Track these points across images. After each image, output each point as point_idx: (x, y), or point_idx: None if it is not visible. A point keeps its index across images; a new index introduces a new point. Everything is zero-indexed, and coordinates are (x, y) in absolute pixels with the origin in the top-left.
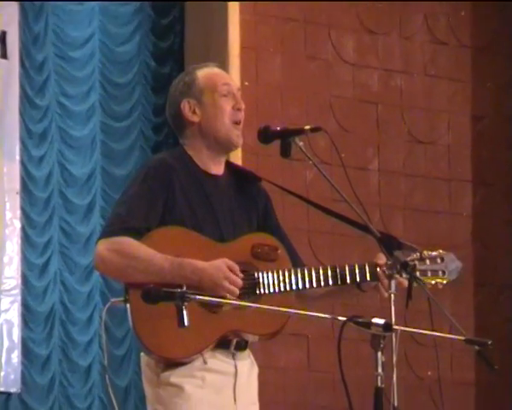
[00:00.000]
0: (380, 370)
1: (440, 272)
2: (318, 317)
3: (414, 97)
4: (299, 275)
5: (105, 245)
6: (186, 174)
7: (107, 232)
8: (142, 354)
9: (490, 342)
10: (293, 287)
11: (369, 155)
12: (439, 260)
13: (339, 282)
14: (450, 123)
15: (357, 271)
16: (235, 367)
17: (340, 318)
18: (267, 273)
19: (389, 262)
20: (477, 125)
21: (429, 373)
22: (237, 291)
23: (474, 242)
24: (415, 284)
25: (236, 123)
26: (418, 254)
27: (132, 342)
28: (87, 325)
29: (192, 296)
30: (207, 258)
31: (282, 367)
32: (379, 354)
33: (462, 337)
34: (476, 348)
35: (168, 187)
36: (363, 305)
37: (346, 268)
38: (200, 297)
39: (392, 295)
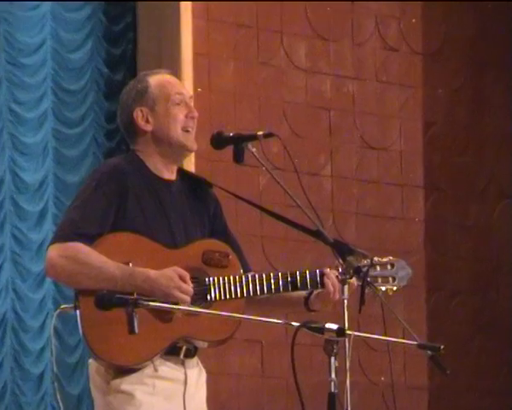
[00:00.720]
0: (333, 375)
1: (391, 279)
2: (272, 323)
3: (366, 103)
4: (250, 281)
5: (56, 251)
6: (139, 179)
7: (59, 237)
8: (90, 360)
9: (442, 347)
10: (244, 293)
11: (321, 160)
12: (389, 267)
13: (289, 288)
14: (402, 129)
15: (308, 277)
16: (185, 375)
17: (293, 323)
18: (218, 279)
19: (342, 267)
20: (428, 131)
21: (382, 378)
22: (188, 299)
23: (426, 247)
24: (367, 289)
25: (188, 130)
26: (369, 260)
27: (85, 350)
28: (39, 332)
29: (145, 303)
30: (158, 264)
31: (236, 373)
32: (332, 359)
33: (415, 342)
34: (429, 352)
35: (121, 192)
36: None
37: (297, 275)
38: (154, 304)
39: (345, 301)
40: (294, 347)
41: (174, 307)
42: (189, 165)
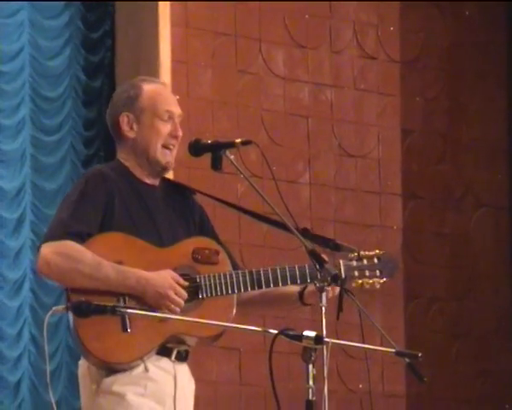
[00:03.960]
0: (311, 383)
1: (378, 272)
2: (250, 330)
3: (344, 111)
4: (241, 277)
5: (50, 248)
6: (125, 184)
7: (51, 236)
8: (80, 362)
9: (420, 355)
10: (235, 290)
11: (299, 168)
12: (376, 260)
13: (280, 283)
14: (380, 137)
15: (297, 272)
16: (175, 378)
17: (271, 331)
18: (208, 277)
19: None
20: (406, 139)
21: (360, 386)
22: (182, 303)
23: (404, 255)
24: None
25: (168, 148)
26: (356, 254)
27: (63, 357)
28: (16, 340)
29: (123, 310)
30: (149, 263)
31: (214, 381)
32: (310, 366)
33: (393, 350)
34: (406, 360)
35: (108, 195)
36: (294, 318)
37: (287, 270)
38: (131, 311)
39: (323, 308)
40: (272, 354)
41: (152, 314)
42: (168, 172)
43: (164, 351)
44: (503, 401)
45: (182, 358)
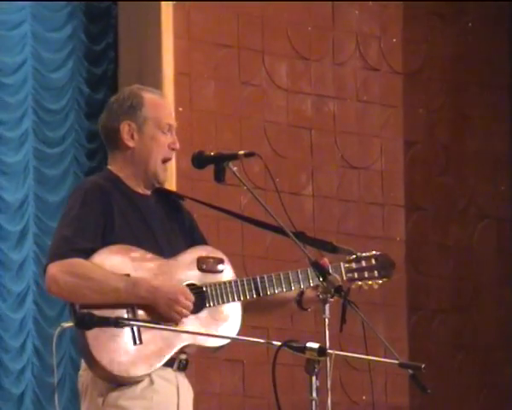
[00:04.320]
0: (314, 395)
1: (376, 273)
2: (253, 342)
3: (347, 123)
4: (246, 285)
5: (57, 267)
6: (120, 195)
7: (57, 255)
8: (82, 373)
9: (423, 366)
10: (241, 297)
11: (302, 180)
12: (373, 261)
13: (284, 289)
14: (383, 148)
15: (300, 277)
16: (178, 388)
17: (274, 342)
18: (214, 286)
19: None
20: (409, 151)
21: (364, 397)
22: (191, 307)
23: (407, 266)
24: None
25: (166, 161)
26: (354, 255)
27: (66, 369)
28: (20, 352)
29: (126, 322)
30: (156, 275)
31: (217, 393)
32: (313, 378)
33: (396, 361)
34: (410, 372)
35: (106, 208)
36: (298, 330)
37: (290, 275)
38: (135, 323)
39: (327, 320)
40: (276, 366)
41: (157, 326)
42: (171, 184)
43: (168, 361)
44: None
45: (183, 367)
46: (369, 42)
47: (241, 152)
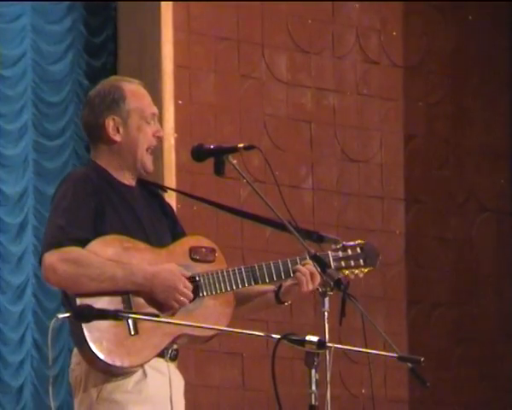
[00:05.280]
0: (314, 388)
1: (361, 261)
2: (253, 335)
3: (346, 116)
4: (237, 274)
5: (55, 256)
6: (108, 187)
7: (53, 244)
8: (73, 367)
9: (422, 360)
10: (233, 286)
11: (302, 173)
12: (359, 250)
13: (274, 278)
14: (383, 141)
15: (289, 265)
16: (170, 379)
17: (274, 335)
18: (207, 275)
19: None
20: (409, 144)
21: (363, 391)
22: (191, 295)
23: (406, 259)
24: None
25: (150, 149)
26: (340, 244)
27: (66, 362)
28: (19, 345)
29: (125, 315)
30: (150, 264)
31: (217, 386)
32: (313, 371)
33: (395, 355)
34: (409, 365)
35: (97, 199)
36: (297, 323)
37: (280, 264)
38: (133, 316)
39: (326, 313)
40: (275, 359)
41: (155, 319)
42: (171, 177)
43: (162, 351)
44: (506, 405)
45: (174, 357)
46: (369, 35)
47: (241, 145)
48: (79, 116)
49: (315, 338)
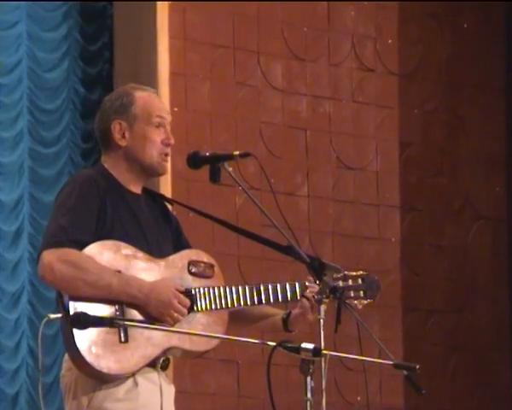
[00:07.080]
0: (309, 395)
1: (362, 292)
2: (248, 342)
3: (342, 124)
4: (234, 293)
5: (54, 255)
6: (113, 192)
7: (53, 243)
8: (64, 373)
9: (418, 367)
10: (229, 304)
11: (298, 180)
12: (360, 281)
13: (271, 300)
14: (379, 149)
15: (288, 291)
16: (160, 388)
17: (269, 343)
18: (203, 290)
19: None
20: (405, 152)
21: (358, 398)
22: (186, 312)
23: (402, 267)
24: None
25: (166, 154)
26: (342, 274)
27: (61, 370)
28: (14, 352)
29: (121, 322)
30: (147, 274)
31: (212, 393)
32: (308, 379)
33: (391, 362)
34: (404, 372)
35: (101, 203)
36: None
37: (278, 287)
38: (129, 323)
39: (321, 320)
40: (270, 366)
41: (152, 326)
42: (166, 184)
43: (151, 361)
44: None
45: (165, 366)
46: (365, 43)
47: (237, 152)
48: (75, 123)
49: (310, 346)
